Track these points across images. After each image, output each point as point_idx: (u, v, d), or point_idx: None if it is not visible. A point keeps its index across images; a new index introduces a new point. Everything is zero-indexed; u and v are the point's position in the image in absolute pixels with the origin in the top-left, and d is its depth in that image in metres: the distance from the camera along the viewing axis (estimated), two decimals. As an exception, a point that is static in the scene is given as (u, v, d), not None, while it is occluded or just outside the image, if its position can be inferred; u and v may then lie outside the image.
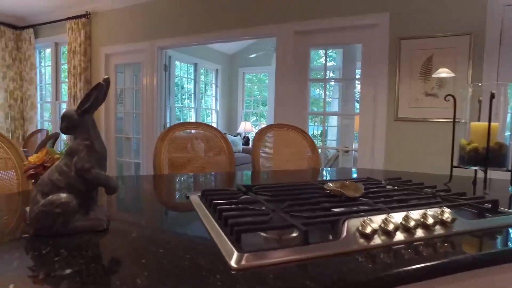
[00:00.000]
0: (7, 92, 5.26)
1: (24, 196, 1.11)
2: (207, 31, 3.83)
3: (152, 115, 4.14)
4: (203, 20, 3.84)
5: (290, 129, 2.23)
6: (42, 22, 5.16)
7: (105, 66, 4.55)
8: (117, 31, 4.44)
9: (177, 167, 1.88)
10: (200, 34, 3.87)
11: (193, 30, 3.91)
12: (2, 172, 1.29)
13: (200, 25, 3.86)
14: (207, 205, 0.92)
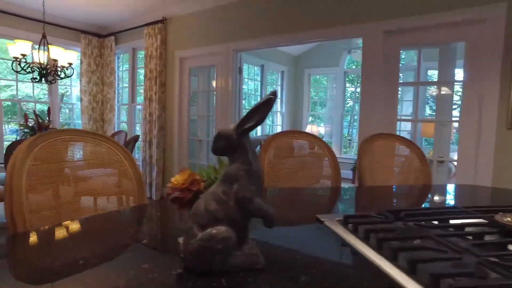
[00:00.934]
0: (91, 95, 5.62)
1: (148, 211, 1.03)
2: (284, 32, 3.68)
3: (226, 118, 4.10)
4: (281, 22, 3.70)
5: (394, 139, 1.98)
6: (122, 29, 5.43)
7: (180, 69, 4.63)
8: (192, 35, 4.48)
9: (275, 179, 1.74)
10: (277, 35, 3.74)
11: (269, 32, 3.79)
12: (119, 180, 1.24)
13: (277, 26, 3.73)
14: (363, 237, 0.77)
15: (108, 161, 1.23)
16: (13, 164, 0.96)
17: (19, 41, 3.36)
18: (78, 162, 1.17)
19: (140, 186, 1.26)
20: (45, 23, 4.00)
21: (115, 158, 1.24)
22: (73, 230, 0.91)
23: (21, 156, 0.98)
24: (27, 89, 9.06)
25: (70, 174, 1.14)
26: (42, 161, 1.05)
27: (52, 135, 1.10)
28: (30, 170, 1.00)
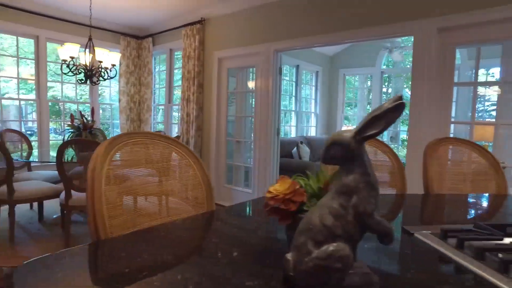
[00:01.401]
0: (128, 96, 5.73)
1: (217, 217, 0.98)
2: (327, 32, 3.57)
3: (266, 119, 4.04)
4: (324, 21, 3.59)
5: (463, 144, 1.84)
6: (159, 31, 5.50)
7: (218, 70, 4.61)
8: (231, 35, 4.46)
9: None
10: (319, 35, 3.63)
11: (311, 32, 3.70)
12: (189, 185, 1.19)
13: (320, 25, 3.62)
14: (474, 256, 0.70)
15: (178, 165, 1.19)
16: (93, 167, 0.93)
17: (68, 44, 3.45)
18: (149, 166, 1.13)
19: (209, 192, 1.21)
20: (91, 27, 4.10)
21: (184, 162, 1.20)
22: (155, 239, 0.87)
23: (100, 160, 0.96)
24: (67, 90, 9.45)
25: (142, 178, 1.11)
26: (117, 165, 1.02)
27: (123, 138, 1.07)
28: (107, 174, 0.97)
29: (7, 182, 2.97)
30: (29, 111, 9.99)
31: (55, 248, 2.98)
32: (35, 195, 3.12)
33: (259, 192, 4.18)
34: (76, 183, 2.95)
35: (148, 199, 1.11)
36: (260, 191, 4.16)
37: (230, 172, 4.74)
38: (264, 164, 4.10)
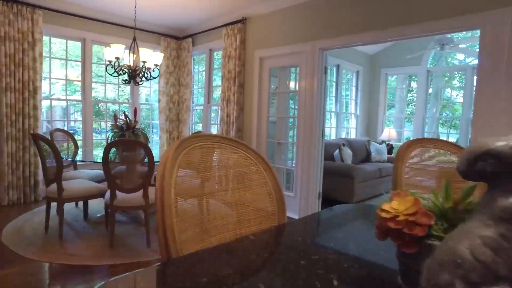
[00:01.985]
0: (168, 96, 5.76)
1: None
2: (377, 28, 3.35)
3: (310, 120, 3.88)
4: (373, 17, 3.37)
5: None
6: (199, 31, 5.48)
7: (259, 69, 4.50)
8: (273, 34, 4.33)
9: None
10: (369, 32, 3.41)
11: (359, 28, 3.49)
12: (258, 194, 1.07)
13: (370, 21, 3.40)
14: None
15: (247, 171, 1.07)
16: (162, 175, 0.83)
17: (114, 45, 3.47)
18: (217, 173, 1.02)
19: (281, 202, 1.08)
20: (135, 29, 4.13)
21: (254, 169, 1.07)
22: (234, 258, 0.75)
23: (169, 166, 0.85)
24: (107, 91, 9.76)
25: (211, 186, 0.99)
26: (185, 173, 0.91)
27: (189, 142, 0.96)
28: (176, 182, 0.87)
29: (56, 181, 3.02)
30: (71, 111, 10.41)
31: (101, 247, 3.02)
32: (82, 194, 3.15)
33: (301, 195, 4.02)
34: (118, 182, 2.94)
35: (216, 209, 1.00)
36: (303, 194, 4.00)
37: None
38: (307, 167, 3.93)
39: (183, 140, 0.93)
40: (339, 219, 1.14)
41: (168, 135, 5.83)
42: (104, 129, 11.24)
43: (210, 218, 0.97)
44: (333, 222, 1.10)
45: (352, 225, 1.11)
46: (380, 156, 6.15)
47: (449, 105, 7.99)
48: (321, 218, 1.21)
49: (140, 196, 2.93)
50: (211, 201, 0.99)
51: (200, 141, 0.99)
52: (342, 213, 1.25)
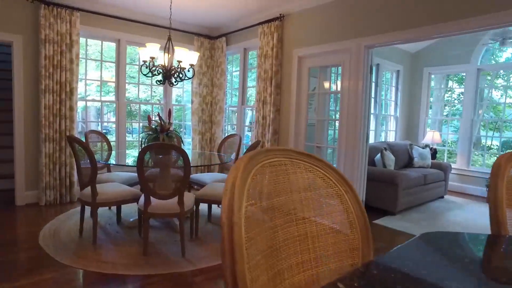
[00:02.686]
0: (201, 97, 5.64)
1: None
2: (431, 22, 3.02)
3: (354, 123, 3.60)
4: (430, 8, 3.05)
5: None
6: (233, 30, 5.31)
7: (298, 69, 4.26)
8: (313, 31, 4.08)
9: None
10: (423, 26, 3.09)
11: (410, 23, 3.17)
12: (338, 223, 0.85)
13: (424, 15, 3.08)
14: None
15: (325, 194, 0.84)
16: (230, 206, 0.62)
17: (150, 44, 3.36)
18: (289, 197, 0.80)
19: (365, 233, 0.85)
20: (170, 29, 4.01)
21: (333, 192, 0.85)
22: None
23: (239, 194, 0.64)
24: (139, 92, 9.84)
25: (281, 214, 0.78)
26: (256, 200, 0.70)
27: (256, 160, 0.74)
28: (246, 214, 0.66)
29: (91, 185, 2.93)
30: (104, 112, 10.61)
31: (134, 255, 2.90)
32: (116, 199, 3.04)
33: (342, 204, 3.74)
34: (151, 185, 2.80)
35: (290, 243, 0.78)
36: (344, 204, 3.72)
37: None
38: (350, 173, 3.65)
39: (250, 158, 0.73)
40: (451, 254, 0.89)
41: (200, 137, 5.71)
42: (135, 128, 11.37)
43: (283, 257, 0.76)
44: (448, 261, 0.85)
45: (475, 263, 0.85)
46: (423, 161, 5.72)
47: (491, 106, 7.37)
48: (420, 248, 0.95)
49: (175, 203, 2.78)
50: (282, 233, 0.77)
51: (269, 156, 0.78)
52: (449, 244, 0.98)
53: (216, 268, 2.73)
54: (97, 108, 9.94)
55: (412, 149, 5.80)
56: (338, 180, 0.86)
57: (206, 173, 4.26)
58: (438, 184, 5.54)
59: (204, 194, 3.29)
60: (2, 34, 4.00)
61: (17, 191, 4.24)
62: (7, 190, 4.58)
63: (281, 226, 0.77)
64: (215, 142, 5.70)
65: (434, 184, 5.43)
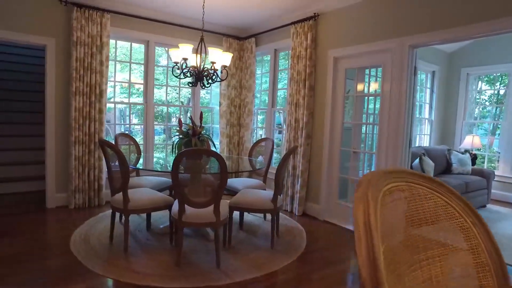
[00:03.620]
0: (229, 99, 5.52)
1: None
2: (483, 18, 2.75)
3: (396, 127, 3.37)
4: (479, 5, 2.78)
5: None
6: (263, 30, 5.16)
7: (333, 70, 4.06)
8: (350, 30, 3.87)
9: None
10: (472, 24, 2.82)
11: (460, 21, 2.91)
12: (467, 267, 0.66)
13: (475, 11, 2.82)
14: None
15: (447, 228, 0.66)
16: (374, 264, 0.45)
17: (182, 45, 3.25)
18: (410, 232, 0.62)
19: (503, 280, 0.66)
20: (203, 30, 3.88)
21: (458, 224, 0.67)
22: None
23: (374, 239, 0.47)
24: (166, 94, 9.84)
25: (399, 256, 0.60)
26: (389, 237, 0.53)
27: (380, 184, 0.57)
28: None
29: (122, 192, 2.83)
30: (127, 113, 10.69)
31: (167, 265, 2.76)
32: (148, 206, 2.94)
33: (383, 214, 3.50)
34: (186, 192, 2.66)
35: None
36: (385, 213, 3.48)
37: (345, 186, 4.14)
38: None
39: (372, 184, 0.55)
40: None
41: (228, 140, 5.58)
42: (156, 130, 11.43)
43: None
44: None
45: None
46: (463, 168, 5.38)
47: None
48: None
49: (211, 212, 2.64)
50: (408, 280, 0.59)
51: (387, 181, 0.60)
52: None
53: (252, 281, 2.57)
54: (120, 110, 10.00)
55: (451, 154, 5.47)
56: (463, 210, 0.68)
57: (236, 179, 4.12)
58: (481, 192, 5.19)
59: (238, 202, 3.14)
60: (36, 37, 4.00)
61: (48, 193, 4.23)
62: (38, 191, 4.59)
63: (404, 272, 0.59)
64: (243, 145, 5.55)
65: (476, 193, 5.09)
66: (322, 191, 4.21)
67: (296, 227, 3.88)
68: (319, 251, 3.24)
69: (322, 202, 4.21)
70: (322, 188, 4.20)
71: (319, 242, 3.47)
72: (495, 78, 7.15)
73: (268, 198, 3.15)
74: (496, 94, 7.42)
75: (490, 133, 6.70)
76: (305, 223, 4.03)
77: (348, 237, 3.65)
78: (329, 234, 3.72)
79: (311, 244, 3.40)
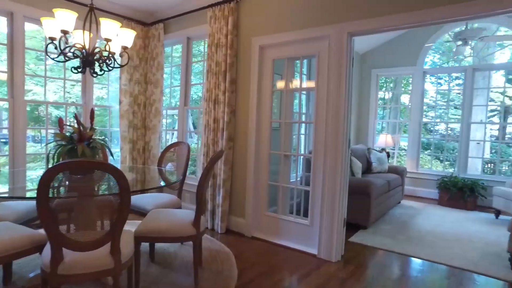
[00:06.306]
0: (132, 96, 4.53)
1: None
2: (431, 4, 2.51)
3: (335, 125, 2.95)
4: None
5: None
6: (174, 15, 4.34)
7: (259, 61, 3.49)
8: (279, 14, 3.35)
9: None
10: (417, 11, 2.56)
11: (403, 7, 2.63)
12: None
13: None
14: None
15: None
16: None
17: (59, 11, 2.27)
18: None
19: None
20: (92, 6, 2.87)
21: None
22: None
23: None
24: (49, 92, 8.06)
25: None
26: None
27: None
28: None
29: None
30: (4, 117, 8.61)
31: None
32: (4, 253, 1.89)
33: (322, 223, 3.06)
34: (62, 229, 1.74)
35: None
36: (325, 222, 3.04)
37: (274, 195, 3.60)
38: (332, 186, 2.99)
39: None
40: None
41: (131, 146, 4.58)
42: (44, 137, 9.45)
43: None
44: None
45: None
46: (382, 166, 5.41)
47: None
48: None
49: (105, 254, 1.77)
50: None
51: None
52: None
53: None
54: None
55: (370, 153, 5.45)
56: None
57: (142, 195, 3.22)
58: (398, 189, 5.26)
59: (147, 229, 2.31)
60: None
61: None
62: None
63: None
64: (150, 152, 4.62)
65: (395, 190, 5.12)
66: (248, 202, 3.60)
67: (221, 250, 3.17)
68: (256, 280, 2.60)
69: (249, 216, 3.60)
70: (248, 199, 3.59)
71: (253, 268, 2.83)
72: (398, 79, 7.60)
73: (188, 221, 2.40)
74: (397, 95, 7.87)
75: (397, 132, 7.03)
76: (232, 243, 3.37)
77: (285, 256, 3.10)
78: (262, 255, 3.11)
79: (244, 272, 2.74)
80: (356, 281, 2.64)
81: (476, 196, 5.24)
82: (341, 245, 3.08)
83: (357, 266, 2.95)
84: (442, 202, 5.54)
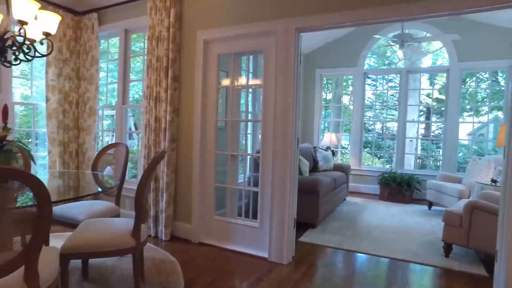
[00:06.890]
0: (61, 93, 4.06)
1: None
2: (381, 3, 2.55)
3: (284, 123, 2.87)
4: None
5: None
6: (109, 4, 3.97)
7: (204, 57, 3.30)
8: (225, 7, 3.19)
9: None
10: (369, 8, 2.58)
11: (351, 5, 2.64)
12: None
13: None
14: None
15: None
16: None
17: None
18: None
19: None
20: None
21: None
22: None
23: None
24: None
25: None
26: None
27: None
28: None
29: None
30: None
31: None
32: None
33: (272, 224, 2.96)
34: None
35: None
36: (275, 223, 2.95)
37: (222, 196, 3.43)
38: (282, 185, 2.91)
39: None
40: None
41: (62, 149, 4.10)
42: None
43: None
44: None
45: None
46: (327, 164, 5.50)
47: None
48: None
49: (19, 281, 1.47)
50: None
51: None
52: None
53: None
54: None
55: (316, 152, 5.52)
56: None
57: (75, 203, 2.85)
58: (343, 186, 5.40)
59: (77, 244, 2.01)
60: None
61: None
62: None
63: None
64: (84, 155, 4.18)
65: (341, 187, 5.24)
66: (194, 206, 3.40)
67: (166, 259, 2.93)
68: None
69: (195, 220, 3.40)
70: (194, 203, 3.38)
71: (201, 276, 2.64)
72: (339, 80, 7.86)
73: (127, 230, 2.14)
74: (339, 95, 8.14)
75: (340, 131, 7.25)
76: (177, 251, 3.14)
77: (235, 261, 2.95)
78: (210, 262, 2.93)
79: (192, 282, 2.54)
80: (308, 282, 2.58)
81: (412, 190, 5.57)
82: (291, 247, 3.02)
83: (309, 266, 2.90)
84: (383, 197, 5.81)
